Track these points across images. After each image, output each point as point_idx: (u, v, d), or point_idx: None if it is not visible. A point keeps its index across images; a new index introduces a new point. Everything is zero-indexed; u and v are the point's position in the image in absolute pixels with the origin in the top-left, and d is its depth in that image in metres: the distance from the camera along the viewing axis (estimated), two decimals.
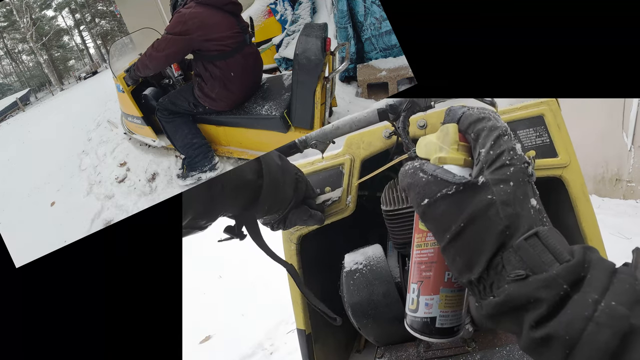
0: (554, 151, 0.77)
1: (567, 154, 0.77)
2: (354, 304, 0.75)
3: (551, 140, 0.78)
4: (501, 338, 0.73)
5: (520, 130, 0.79)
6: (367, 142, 0.89)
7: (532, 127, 0.79)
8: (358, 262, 0.77)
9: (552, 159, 0.77)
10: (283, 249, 0.93)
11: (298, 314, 0.92)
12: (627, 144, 2.89)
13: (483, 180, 0.32)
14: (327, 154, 0.89)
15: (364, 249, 0.79)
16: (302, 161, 0.95)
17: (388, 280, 0.73)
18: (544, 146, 0.78)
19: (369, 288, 0.74)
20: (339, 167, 0.89)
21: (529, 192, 0.32)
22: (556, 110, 0.79)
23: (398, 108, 0.74)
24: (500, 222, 0.30)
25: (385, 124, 0.81)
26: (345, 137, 0.87)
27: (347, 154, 0.89)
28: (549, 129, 0.78)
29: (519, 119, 0.79)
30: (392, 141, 0.86)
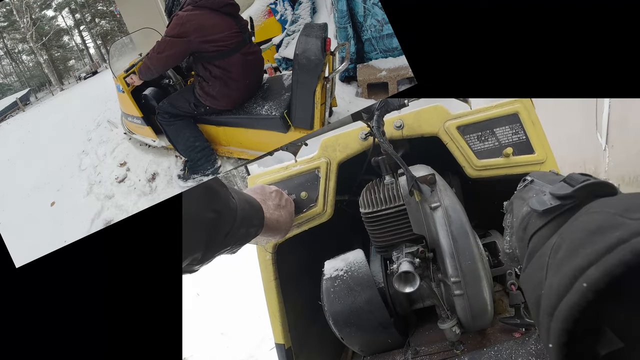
0: (530, 148, 0.78)
1: (543, 151, 0.78)
2: (335, 313, 0.71)
3: (527, 137, 0.79)
4: (489, 339, 0.72)
5: (496, 128, 0.79)
6: (343, 144, 0.87)
7: (508, 124, 0.79)
8: (338, 269, 0.73)
9: (529, 156, 0.78)
10: (257, 259, 0.89)
11: (276, 327, 0.88)
12: (602, 144, 3.01)
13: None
14: (301, 158, 0.86)
15: (344, 255, 0.76)
16: (276, 166, 0.92)
17: (370, 286, 0.70)
18: (520, 143, 0.78)
19: (351, 295, 0.70)
20: (314, 171, 0.87)
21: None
22: (530, 108, 0.80)
23: (371, 107, 0.73)
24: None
25: (361, 125, 0.79)
26: (320, 139, 0.85)
27: (322, 157, 0.87)
28: (524, 126, 0.79)
29: (495, 117, 0.80)
30: (369, 143, 0.84)
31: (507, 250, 0.50)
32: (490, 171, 0.79)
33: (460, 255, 0.62)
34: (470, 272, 0.62)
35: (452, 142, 0.80)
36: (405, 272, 0.60)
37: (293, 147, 0.78)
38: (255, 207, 0.68)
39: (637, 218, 0.25)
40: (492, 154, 0.79)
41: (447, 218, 0.64)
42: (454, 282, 0.63)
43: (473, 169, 0.79)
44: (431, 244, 0.67)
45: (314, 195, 0.85)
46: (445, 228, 0.64)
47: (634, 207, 0.26)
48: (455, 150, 0.80)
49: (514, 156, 0.78)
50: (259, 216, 0.69)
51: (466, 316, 0.64)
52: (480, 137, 0.79)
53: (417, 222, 0.66)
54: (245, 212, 0.63)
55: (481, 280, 0.62)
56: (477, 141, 0.79)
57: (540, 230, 0.36)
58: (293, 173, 0.88)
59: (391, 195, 0.69)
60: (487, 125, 0.80)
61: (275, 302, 0.88)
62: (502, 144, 0.79)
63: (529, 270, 0.35)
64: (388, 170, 0.76)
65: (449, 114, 0.82)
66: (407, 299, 0.74)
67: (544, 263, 0.31)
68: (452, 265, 0.63)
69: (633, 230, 0.23)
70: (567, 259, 0.27)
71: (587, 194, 0.34)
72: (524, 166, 0.78)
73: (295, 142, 0.77)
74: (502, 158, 0.78)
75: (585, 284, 0.24)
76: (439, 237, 0.64)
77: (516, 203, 0.49)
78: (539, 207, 0.37)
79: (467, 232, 0.63)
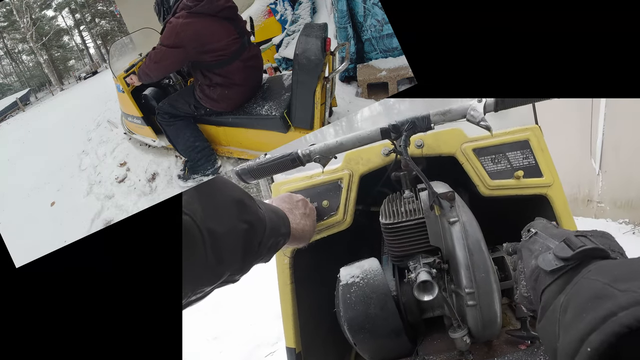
0: (539, 172, 0.86)
1: (550, 175, 0.86)
2: (350, 319, 0.73)
3: (536, 161, 0.86)
4: (496, 350, 0.74)
5: (509, 152, 0.87)
6: (366, 158, 0.91)
7: (520, 149, 0.87)
8: (355, 276, 0.75)
9: (537, 179, 0.85)
10: (276, 262, 0.92)
11: (288, 330, 0.90)
12: (596, 169, 3.28)
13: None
14: (326, 169, 0.90)
15: (359, 262, 0.78)
16: (301, 174, 0.96)
17: (386, 294, 0.72)
18: (530, 167, 0.86)
19: (366, 301, 0.72)
20: (337, 182, 0.91)
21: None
22: (539, 136, 0.89)
23: (400, 128, 0.78)
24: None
25: (384, 142, 0.84)
26: (345, 152, 0.88)
27: (345, 169, 0.91)
28: (534, 152, 0.87)
29: (508, 142, 0.88)
30: (390, 158, 0.89)
31: (525, 294, 0.58)
32: (502, 191, 0.85)
33: (475, 268, 0.65)
34: (483, 284, 0.65)
35: (468, 162, 0.87)
36: (424, 282, 0.63)
37: (324, 159, 0.82)
38: (281, 216, 0.71)
39: (623, 289, 0.32)
40: (504, 175, 0.86)
41: (464, 232, 0.68)
42: (468, 292, 0.65)
43: (486, 188, 0.86)
44: (446, 255, 0.70)
45: (335, 204, 0.90)
46: (462, 242, 0.67)
47: (620, 277, 0.34)
48: (471, 170, 0.86)
49: (524, 178, 0.85)
50: (286, 225, 0.72)
51: (477, 326, 0.67)
52: (493, 160, 0.87)
53: (435, 234, 0.70)
54: (273, 222, 0.64)
55: (493, 292, 0.65)
56: (490, 163, 0.87)
57: (549, 287, 0.46)
58: (317, 182, 0.92)
59: (412, 209, 0.73)
60: (501, 150, 0.87)
61: (290, 305, 0.91)
62: (514, 166, 0.86)
63: (544, 322, 0.44)
64: (408, 185, 0.81)
65: (467, 137, 0.89)
66: (418, 308, 0.77)
67: (555, 319, 0.40)
68: (467, 277, 0.66)
69: (620, 304, 0.31)
70: (573, 322, 0.35)
71: (584, 256, 0.44)
72: (532, 188, 0.85)
73: (326, 155, 0.82)
74: (513, 180, 0.85)
75: (589, 349, 0.31)
76: (455, 250, 0.67)
77: (525, 253, 0.58)
78: (546, 268, 0.47)
79: (482, 246, 0.67)
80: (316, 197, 0.91)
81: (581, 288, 0.38)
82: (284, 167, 0.84)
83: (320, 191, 0.91)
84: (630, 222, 3.06)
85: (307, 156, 0.83)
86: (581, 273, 0.41)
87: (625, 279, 0.33)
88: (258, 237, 0.60)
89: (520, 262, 0.60)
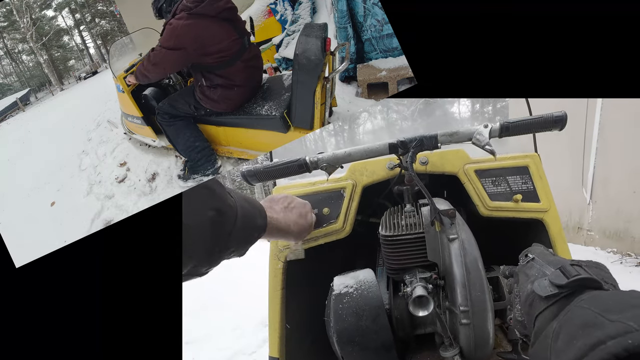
0: (536, 197, 0.89)
1: (547, 201, 0.89)
2: (340, 330, 0.70)
3: (534, 187, 0.89)
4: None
5: (509, 176, 0.90)
6: (370, 170, 0.93)
7: (519, 174, 0.91)
8: (348, 286, 0.74)
9: (535, 204, 0.88)
10: (269, 266, 0.91)
11: (273, 339, 0.90)
12: (587, 198, 3.45)
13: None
14: (330, 177, 0.91)
15: (354, 273, 0.77)
16: (304, 181, 0.97)
17: (379, 306, 0.71)
18: (528, 192, 0.89)
19: (358, 313, 0.71)
20: (340, 190, 0.92)
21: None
22: (538, 163, 0.92)
23: (408, 144, 0.79)
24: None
25: (390, 156, 0.85)
26: (351, 162, 0.89)
27: (349, 179, 0.93)
28: (532, 178, 0.90)
29: (509, 167, 0.91)
30: (394, 172, 0.90)
31: (519, 318, 0.59)
32: (500, 212, 0.88)
33: (471, 286, 0.65)
34: (478, 303, 0.64)
35: (470, 182, 0.89)
36: (419, 297, 0.63)
37: (331, 168, 0.83)
38: (256, 206, 0.67)
39: (613, 320, 0.33)
40: (503, 197, 0.89)
41: (462, 250, 0.68)
42: (462, 310, 0.65)
43: (486, 209, 0.88)
44: (443, 272, 0.70)
45: (336, 213, 0.90)
46: (460, 259, 0.67)
47: (611, 307, 0.35)
48: (472, 191, 0.89)
49: (522, 202, 0.88)
50: (262, 215, 0.68)
51: (469, 345, 0.66)
52: (494, 182, 0.90)
53: (434, 250, 0.70)
54: (245, 210, 0.61)
55: (487, 311, 0.65)
56: (491, 185, 0.90)
57: (543, 313, 0.47)
58: (320, 189, 0.93)
59: (412, 223, 0.74)
60: (501, 173, 0.90)
61: (278, 313, 0.90)
62: (513, 190, 0.89)
63: (536, 347, 0.45)
64: (410, 199, 0.82)
65: (470, 158, 0.92)
66: (410, 323, 0.76)
67: (547, 345, 0.41)
68: (463, 295, 0.65)
69: (609, 334, 0.32)
70: (564, 348, 0.37)
71: (578, 285, 0.45)
72: (530, 212, 0.88)
73: (333, 164, 0.83)
74: (512, 202, 0.88)
75: None
76: (453, 267, 0.67)
77: (521, 277, 0.60)
78: (541, 293, 0.48)
79: (479, 266, 0.67)
80: (318, 203, 0.91)
81: (573, 316, 0.40)
82: (290, 172, 0.84)
83: (322, 198, 0.92)
84: (617, 251, 3.18)
85: (315, 163, 0.83)
86: (574, 301, 0.43)
87: (615, 310, 0.35)
88: (228, 227, 0.56)
89: (516, 285, 0.61)
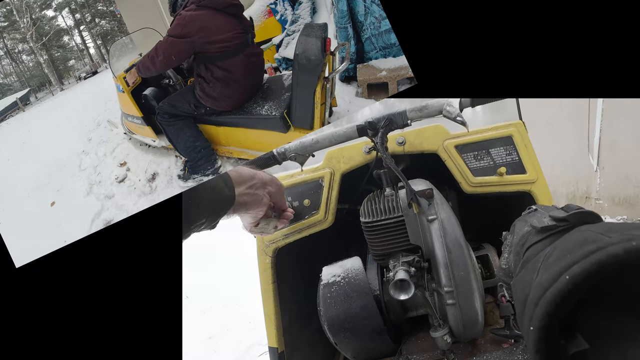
0: (522, 168, 0.84)
1: (534, 171, 0.84)
2: (330, 318, 0.72)
3: (520, 158, 0.85)
4: (479, 349, 0.73)
5: (492, 149, 0.86)
6: (347, 156, 0.90)
7: (503, 146, 0.86)
8: (336, 275, 0.75)
9: (521, 175, 0.84)
10: (257, 261, 0.91)
11: (270, 330, 0.89)
12: (593, 165, 3.28)
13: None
14: (307, 167, 0.89)
15: (342, 262, 0.78)
16: (282, 174, 0.95)
17: (366, 293, 0.71)
18: (513, 163, 0.85)
19: (347, 301, 0.72)
20: (318, 180, 0.90)
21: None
22: (523, 132, 0.87)
23: (376, 125, 0.77)
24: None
25: (365, 139, 0.83)
26: (326, 151, 0.87)
27: (327, 167, 0.90)
28: (517, 148, 0.85)
29: (491, 139, 0.86)
30: (372, 156, 0.87)
31: (504, 266, 0.56)
32: (484, 188, 0.84)
33: (454, 266, 0.64)
34: (462, 283, 0.64)
35: (450, 159, 0.85)
36: (400, 280, 0.62)
37: (301, 158, 0.81)
38: (223, 177, 0.63)
39: (614, 236, 0.31)
40: (487, 172, 0.84)
41: (442, 230, 0.67)
42: (447, 291, 0.65)
43: (469, 185, 0.84)
44: (426, 254, 0.69)
45: (317, 203, 0.88)
46: (440, 240, 0.66)
47: (613, 229, 0.33)
48: (453, 167, 0.85)
49: (507, 175, 0.83)
50: (229, 186, 0.62)
51: (458, 325, 0.66)
52: (476, 156, 0.85)
53: (414, 233, 0.69)
54: (212, 180, 0.60)
55: (473, 291, 0.64)
56: (473, 160, 0.85)
57: (536, 244, 0.44)
58: (298, 181, 0.91)
59: (391, 207, 0.72)
60: (483, 146, 0.86)
61: (272, 305, 0.90)
62: (497, 163, 0.85)
63: (522, 273, 0.40)
64: (389, 182, 0.79)
65: (449, 134, 0.87)
66: (401, 307, 0.76)
67: (536, 268, 0.37)
68: (446, 275, 0.65)
69: (608, 242, 0.31)
70: (556, 261, 0.33)
71: (578, 219, 0.42)
72: (516, 185, 0.83)
73: (302, 153, 0.80)
74: (496, 176, 0.84)
75: (568, 277, 0.30)
76: (434, 248, 0.67)
77: (519, 225, 0.55)
78: (537, 225, 0.45)
79: (461, 244, 0.66)
80: (297, 196, 0.90)
81: (570, 236, 0.37)
82: (259, 167, 0.82)
83: (302, 190, 0.90)
84: (628, 218, 3.06)
85: (282, 154, 0.81)
86: (573, 230, 0.39)
87: (619, 231, 0.32)
88: (196, 198, 0.54)
89: (512, 235, 0.57)
